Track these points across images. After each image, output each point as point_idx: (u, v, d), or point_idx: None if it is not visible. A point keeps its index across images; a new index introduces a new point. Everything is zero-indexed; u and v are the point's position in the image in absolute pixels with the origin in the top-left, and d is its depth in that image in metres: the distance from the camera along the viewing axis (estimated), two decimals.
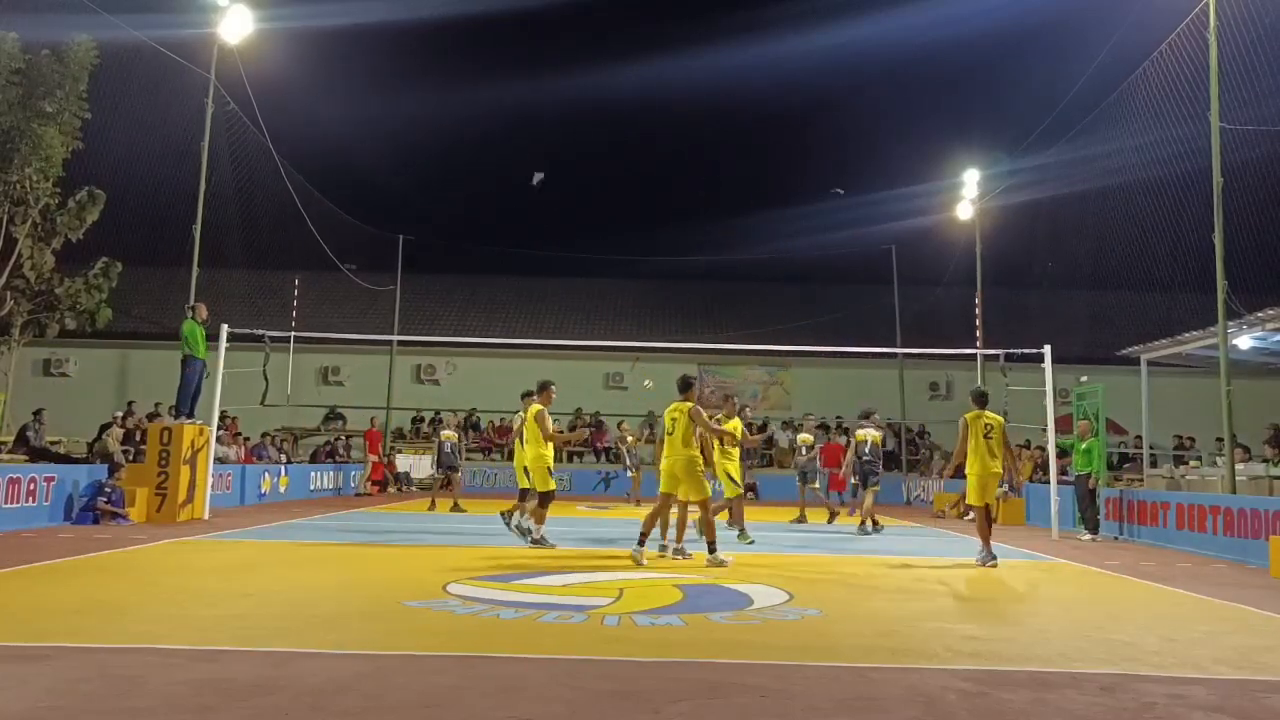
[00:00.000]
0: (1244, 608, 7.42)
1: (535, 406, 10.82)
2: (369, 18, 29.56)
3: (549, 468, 10.68)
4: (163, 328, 24.17)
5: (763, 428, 20.28)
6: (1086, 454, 14.43)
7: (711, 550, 9.47)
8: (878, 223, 30.15)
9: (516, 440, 11.76)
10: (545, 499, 10.74)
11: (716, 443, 10.95)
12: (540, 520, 10.75)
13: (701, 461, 9.92)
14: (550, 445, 10.80)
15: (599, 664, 4.85)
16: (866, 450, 14.69)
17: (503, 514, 11.66)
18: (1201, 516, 12.23)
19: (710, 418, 10.63)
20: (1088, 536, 13.99)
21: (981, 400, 10.58)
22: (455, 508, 16.59)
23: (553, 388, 11.00)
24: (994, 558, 10.01)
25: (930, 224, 27.60)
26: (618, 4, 57.91)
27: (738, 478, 11.91)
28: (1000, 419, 10.57)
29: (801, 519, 16.23)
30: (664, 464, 9.86)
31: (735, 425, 12.23)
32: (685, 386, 9.99)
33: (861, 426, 15.20)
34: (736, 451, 12.10)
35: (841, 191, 31.53)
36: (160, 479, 13.09)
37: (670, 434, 9.76)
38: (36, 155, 18.23)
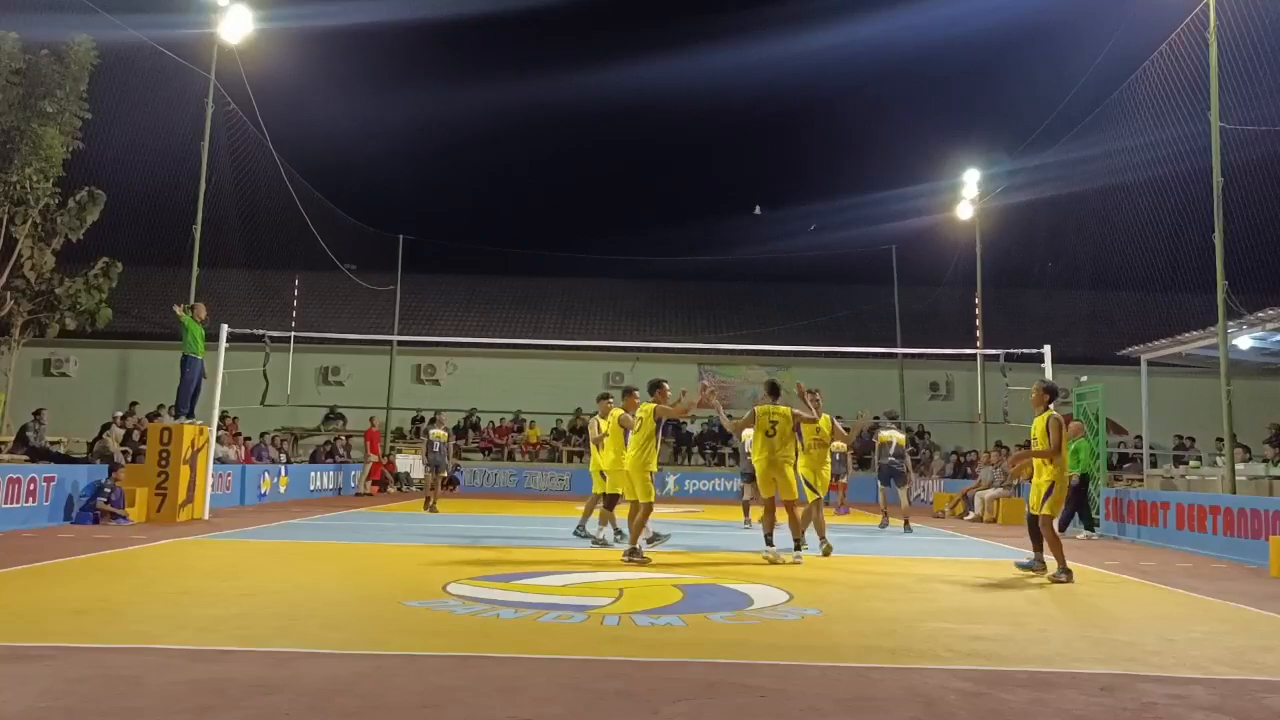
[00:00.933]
0: (1244, 608, 7.42)
1: (617, 411, 10.91)
2: (369, 18, 29.58)
3: (653, 472, 9.92)
4: (163, 328, 24.17)
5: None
6: (1075, 454, 14.63)
7: (798, 546, 9.88)
8: (878, 223, 30.20)
9: (594, 444, 11.62)
10: (645, 509, 9.87)
11: (801, 444, 10.74)
12: (639, 530, 9.88)
13: (794, 461, 10.16)
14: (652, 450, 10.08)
15: (599, 664, 4.84)
16: (891, 451, 15.01)
17: (578, 530, 11.75)
18: (1201, 516, 12.23)
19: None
20: (1083, 535, 14.27)
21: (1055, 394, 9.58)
22: (428, 505, 16.33)
23: (636, 393, 10.75)
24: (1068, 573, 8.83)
25: (930, 224, 27.65)
26: (618, 4, 57.94)
27: (825, 478, 11.37)
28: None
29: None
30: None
31: (825, 421, 11.50)
32: (774, 390, 10.43)
33: (885, 428, 15.58)
34: (827, 452, 11.51)
35: (759, 210, 31.68)
36: (160, 479, 13.09)
37: (771, 436, 10.07)
38: (36, 155, 18.23)
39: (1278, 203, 12.95)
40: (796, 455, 10.40)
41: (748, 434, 16.34)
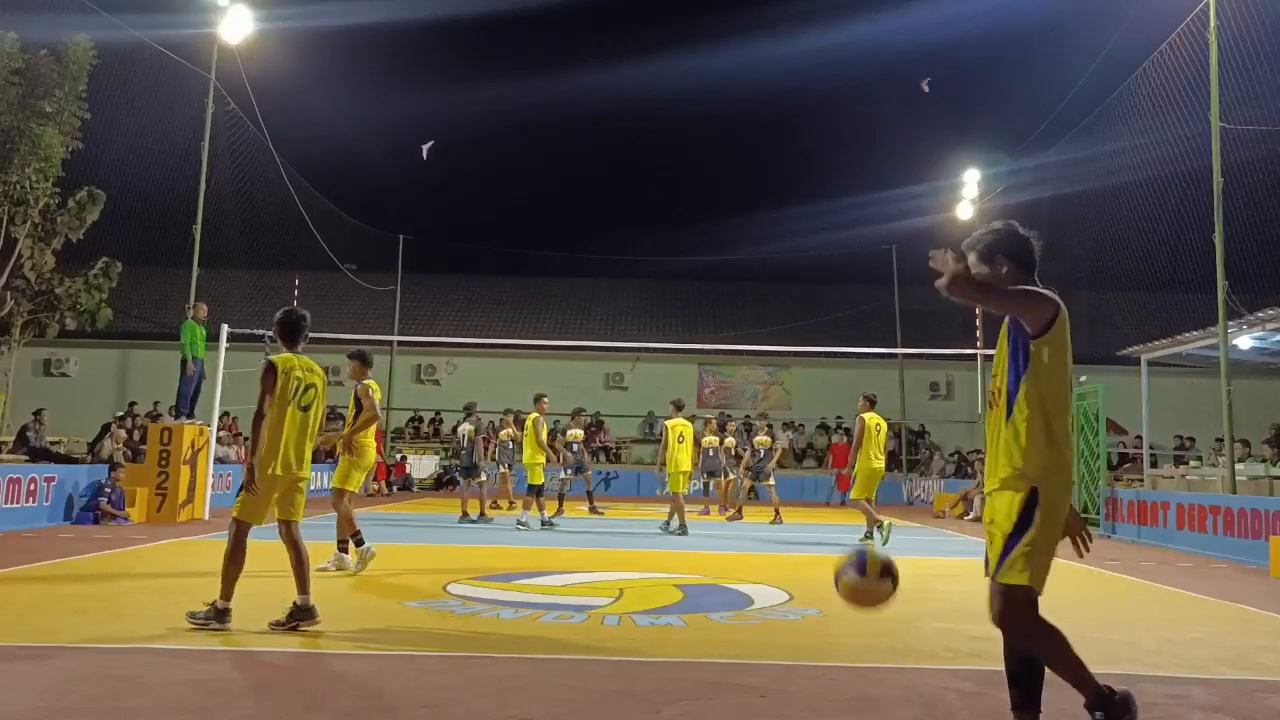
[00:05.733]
0: (1244, 608, 7.42)
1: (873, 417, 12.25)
2: (369, 18, 29.58)
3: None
4: (163, 328, 24.19)
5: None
6: None
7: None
8: (878, 223, 30.19)
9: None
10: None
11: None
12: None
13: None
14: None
15: (599, 664, 4.85)
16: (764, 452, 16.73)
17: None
18: (1201, 516, 12.23)
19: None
20: None
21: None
22: (482, 515, 14.69)
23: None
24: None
25: (930, 224, 27.63)
26: (618, 5, 57.94)
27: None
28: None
29: (738, 516, 16.71)
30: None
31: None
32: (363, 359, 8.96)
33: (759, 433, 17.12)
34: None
35: None
36: (160, 479, 13.09)
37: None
38: (36, 155, 18.22)
39: (1278, 203, 12.95)
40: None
41: (711, 439, 16.84)
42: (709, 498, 18.37)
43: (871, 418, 12.09)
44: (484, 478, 14.89)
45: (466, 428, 15.29)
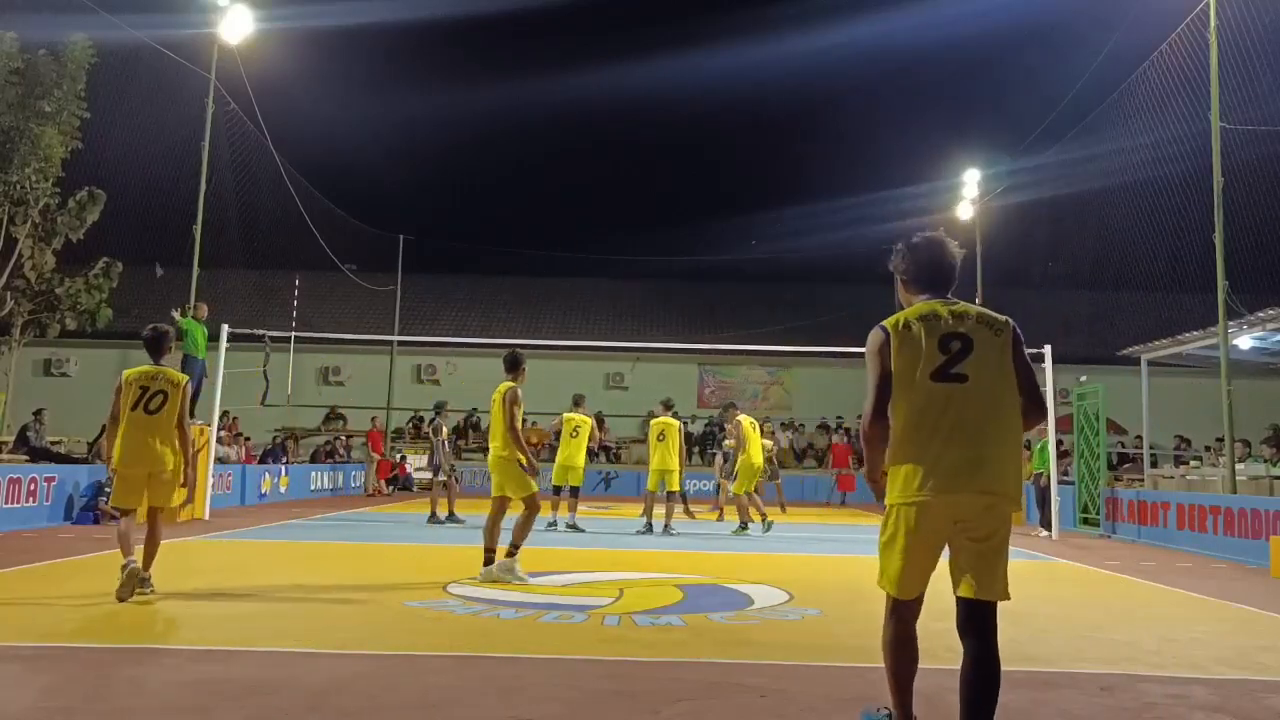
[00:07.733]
0: (1244, 608, 7.42)
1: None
2: (369, 18, 29.59)
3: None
4: None
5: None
6: (1040, 454, 14.83)
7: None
8: (878, 223, 30.22)
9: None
10: None
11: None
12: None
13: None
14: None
15: (599, 664, 4.84)
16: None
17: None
18: (1201, 516, 12.23)
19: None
20: (1044, 534, 14.55)
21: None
22: (451, 515, 14.41)
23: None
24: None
25: (930, 224, 27.63)
26: (619, 4, 57.96)
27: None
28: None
29: (720, 518, 16.47)
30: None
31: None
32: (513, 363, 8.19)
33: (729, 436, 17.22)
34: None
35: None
36: None
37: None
38: (36, 155, 18.21)
39: (1278, 203, 12.95)
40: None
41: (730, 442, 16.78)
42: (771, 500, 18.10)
43: (747, 419, 13.56)
44: (443, 477, 14.66)
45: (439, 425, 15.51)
